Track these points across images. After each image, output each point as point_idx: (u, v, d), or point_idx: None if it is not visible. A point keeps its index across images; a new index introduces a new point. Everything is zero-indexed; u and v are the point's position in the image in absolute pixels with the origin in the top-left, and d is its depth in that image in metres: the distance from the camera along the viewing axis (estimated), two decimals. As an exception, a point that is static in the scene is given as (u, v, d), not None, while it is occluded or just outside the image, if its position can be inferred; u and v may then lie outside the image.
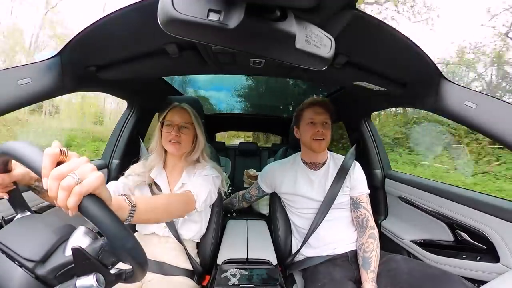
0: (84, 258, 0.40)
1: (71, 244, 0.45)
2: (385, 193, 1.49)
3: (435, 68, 0.77)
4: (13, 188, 0.56)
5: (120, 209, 0.50)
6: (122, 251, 0.42)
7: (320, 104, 1.08)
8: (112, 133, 1.51)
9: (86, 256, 0.41)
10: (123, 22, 0.64)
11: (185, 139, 0.93)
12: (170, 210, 0.70)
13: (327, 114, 1.07)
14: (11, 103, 0.70)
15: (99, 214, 0.39)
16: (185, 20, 0.26)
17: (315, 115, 1.07)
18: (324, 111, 1.07)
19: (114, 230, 0.40)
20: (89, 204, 0.39)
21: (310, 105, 1.10)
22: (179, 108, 0.96)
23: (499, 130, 0.71)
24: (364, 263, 0.95)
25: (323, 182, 1.10)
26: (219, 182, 0.99)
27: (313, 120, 1.06)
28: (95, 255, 0.42)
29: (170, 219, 0.90)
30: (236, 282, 0.89)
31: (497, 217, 0.86)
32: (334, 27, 0.49)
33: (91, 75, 0.89)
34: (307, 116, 1.09)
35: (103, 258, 0.43)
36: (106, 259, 0.43)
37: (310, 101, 1.11)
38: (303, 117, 1.11)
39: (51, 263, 0.43)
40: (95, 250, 0.43)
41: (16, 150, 0.41)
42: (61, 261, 0.43)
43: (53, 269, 0.42)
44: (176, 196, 0.80)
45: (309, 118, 1.08)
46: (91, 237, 0.47)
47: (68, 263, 0.43)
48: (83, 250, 0.40)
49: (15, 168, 0.56)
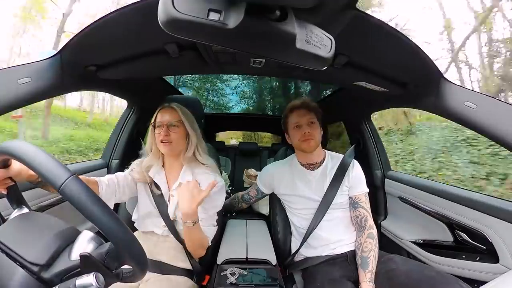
0: (92, 264, 0.41)
1: (77, 249, 0.45)
2: (385, 193, 1.49)
3: (435, 68, 0.77)
4: (11, 184, 0.56)
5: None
6: (128, 256, 0.43)
7: (301, 106, 1.09)
8: (112, 132, 1.52)
9: (94, 262, 0.41)
10: (123, 22, 0.64)
11: (175, 138, 0.93)
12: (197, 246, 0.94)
13: (310, 113, 1.08)
14: (11, 103, 0.70)
15: (108, 222, 0.41)
16: (185, 20, 0.26)
17: (298, 118, 1.08)
18: (307, 112, 1.08)
19: (122, 237, 0.42)
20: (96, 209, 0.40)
21: (292, 109, 1.11)
22: (167, 108, 0.97)
23: (499, 131, 0.71)
24: (362, 263, 0.95)
25: (321, 181, 1.10)
26: (223, 189, 1.00)
27: (298, 123, 1.07)
28: (101, 259, 0.43)
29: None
30: (236, 282, 0.89)
31: (497, 218, 0.86)
32: (334, 27, 0.49)
33: (91, 75, 0.89)
34: (292, 120, 1.10)
35: (108, 262, 0.44)
36: (111, 264, 0.44)
37: (291, 105, 1.12)
38: (289, 123, 1.12)
39: (56, 267, 0.43)
40: (101, 256, 0.43)
41: (31, 158, 0.41)
42: (67, 265, 0.43)
43: (59, 273, 0.43)
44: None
45: (294, 122, 1.09)
46: (97, 242, 0.47)
47: (74, 267, 0.43)
48: (92, 258, 0.41)
49: (12, 163, 0.56)
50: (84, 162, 1.37)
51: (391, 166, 1.58)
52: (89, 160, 1.49)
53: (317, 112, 1.10)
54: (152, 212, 0.98)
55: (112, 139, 1.49)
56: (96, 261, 0.41)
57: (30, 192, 0.90)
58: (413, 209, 1.25)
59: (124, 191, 0.96)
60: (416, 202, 1.22)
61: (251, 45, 0.32)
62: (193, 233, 0.87)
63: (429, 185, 1.18)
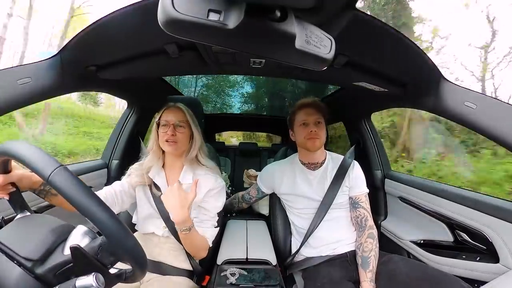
0: (82, 257, 0.41)
1: (70, 243, 0.45)
2: (385, 193, 1.49)
3: (435, 69, 0.77)
4: (13, 190, 0.57)
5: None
6: (122, 250, 0.42)
7: (311, 104, 1.10)
8: (112, 133, 1.51)
9: (85, 255, 0.41)
10: (123, 22, 0.64)
11: (181, 138, 0.93)
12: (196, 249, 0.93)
13: (318, 113, 1.08)
14: (11, 103, 0.70)
15: (98, 212, 0.40)
16: (185, 20, 0.26)
17: (306, 116, 1.08)
18: (315, 111, 1.08)
19: (113, 229, 0.40)
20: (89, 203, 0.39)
21: (301, 107, 1.11)
22: (174, 108, 0.97)
23: (499, 131, 0.71)
24: (363, 263, 0.95)
25: (322, 181, 1.10)
26: (224, 190, 1.00)
27: (306, 121, 1.08)
28: (94, 254, 0.43)
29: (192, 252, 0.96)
30: (236, 282, 0.89)
31: (497, 218, 0.86)
32: (334, 27, 0.49)
33: (91, 75, 0.89)
34: (299, 118, 1.10)
35: (101, 257, 0.43)
36: (105, 259, 0.44)
37: (300, 103, 1.13)
38: (296, 120, 1.12)
39: (50, 262, 0.43)
40: (93, 249, 0.43)
41: (20, 152, 0.41)
42: (60, 260, 0.43)
43: (52, 268, 0.42)
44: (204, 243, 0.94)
45: (301, 119, 1.09)
46: (90, 236, 0.47)
47: (67, 262, 0.43)
48: (81, 249, 0.40)
49: (13, 169, 0.57)
50: (84, 163, 1.37)
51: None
52: (89, 160, 1.48)
53: (325, 113, 1.11)
54: (152, 214, 0.97)
55: (112, 139, 1.49)
56: (86, 254, 0.41)
57: (30, 192, 0.90)
58: (413, 209, 1.24)
59: (123, 200, 0.96)
60: (416, 202, 1.22)
61: (251, 46, 0.32)
62: (191, 238, 0.86)
63: (429, 185, 1.18)
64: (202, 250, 0.94)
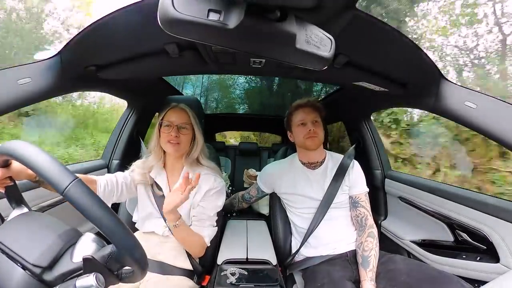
0: (94, 266, 0.41)
1: (80, 251, 0.45)
2: (385, 193, 1.49)
3: (435, 68, 0.77)
4: (10, 184, 0.56)
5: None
6: (130, 259, 0.43)
7: (307, 104, 1.11)
8: (112, 133, 1.52)
9: (97, 265, 0.41)
10: (123, 22, 0.64)
11: (184, 140, 0.93)
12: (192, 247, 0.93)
13: (315, 112, 1.09)
14: (11, 103, 0.70)
15: (113, 226, 0.41)
16: (185, 20, 0.26)
17: (304, 116, 1.09)
18: (312, 110, 1.09)
19: (126, 242, 0.42)
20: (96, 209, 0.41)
21: (298, 107, 1.12)
22: (178, 109, 0.96)
23: (499, 131, 0.71)
24: (363, 262, 0.95)
25: (322, 181, 1.10)
26: (224, 190, 1.00)
27: (303, 120, 1.09)
28: (103, 262, 0.43)
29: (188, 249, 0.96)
30: (236, 282, 0.89)
31: (497, 217, 0.86)
32: (334, 27, 0.49)
33: (91, 75, 0.89)
34: (297, 118, 1.11)
35: (110, 264, 0.44)
36: (113, 266, 0.44)
37: (297, 103, 1.13)
38: (293, 120, 1.13)
39: (58, 270, 0.43)
40: (103, 258, 0.43)
41: (36, 161, 0.41)
42: (70, 267, 0.43)
43: (61, 276, 0.43)
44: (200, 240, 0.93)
45: (299, 120, 1.10)
46: (99, 244, 0.47)
47: (77, 269, 0.43)
48: (95, 260, 0.41)
49: (13, 162, 0.56)
50: (84, 162, 1.37)
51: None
52: (89, 160, 1.48)
53: (321, 112, 1.11)
54: (153, 213, 0.98)
55: (112, 140, 1.49)
56: (98, 264, 0.41)
57: (31, 192, 0.90)
58: (413, 209, 1.24)
59: (123, 191, 0.96)
60: (416, 202, 1.22)
61: (251, 45, 0.32)
62: (181, 233, 0.87)
63: (429, 184, 1.18)
64: (196, 247, 0.93)
